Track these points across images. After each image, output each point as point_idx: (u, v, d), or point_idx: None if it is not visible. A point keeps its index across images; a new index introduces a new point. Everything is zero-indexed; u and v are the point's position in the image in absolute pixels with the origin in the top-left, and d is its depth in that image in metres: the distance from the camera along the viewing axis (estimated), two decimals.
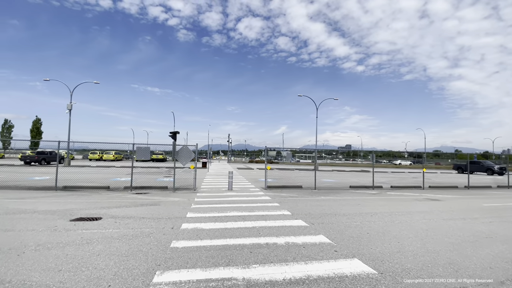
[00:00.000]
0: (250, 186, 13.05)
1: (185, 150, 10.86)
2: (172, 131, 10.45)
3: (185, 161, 10.84)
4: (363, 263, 3.65)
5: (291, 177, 18.70)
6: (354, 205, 8.33)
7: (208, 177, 17.58)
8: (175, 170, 10.86)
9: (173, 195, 9.74)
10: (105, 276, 3.09)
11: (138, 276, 3.11)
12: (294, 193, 10.83)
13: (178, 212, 6.78)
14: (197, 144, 11.02)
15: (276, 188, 12.20)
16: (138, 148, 10.65)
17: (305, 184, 13.65)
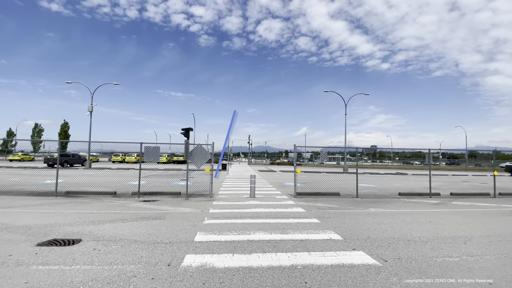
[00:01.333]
0: (275, 192, 11.09)
1: (199, 150, 9.19)
2: (184, 127, 8.88)
3: (199, 163, 9.17)
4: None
5: (321, 181, 16.44)
6: (424, 223, 6.06)
7: (227, 180, 15.88)
8: (188, 173, 9.22)
9: (184, 203, 8.07)
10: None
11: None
12: (332, 203, 8.69)
13: (185, 231, 5.01)
14: (214, 143, 9.31)
15: (308, 195, 10.13)
16: (146, 149, 9.16)
17: (342, 190, 11.40)
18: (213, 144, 9.30)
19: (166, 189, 10.50)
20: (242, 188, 12.16)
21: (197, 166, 9.17)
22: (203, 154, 9.19)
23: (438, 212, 7.51)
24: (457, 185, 16.26)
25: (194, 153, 9.19)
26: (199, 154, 9.18)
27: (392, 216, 6.73)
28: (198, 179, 15.89)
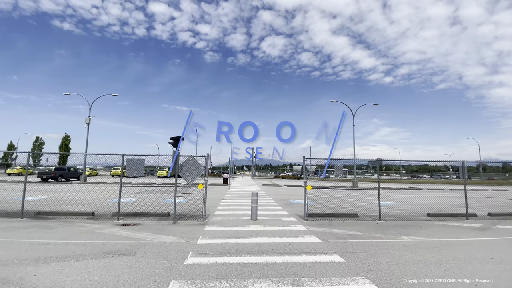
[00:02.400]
0: (281, 212, 9.49)
1: (191, 163, 7.77)
2: (173, 136, 7.55)
3: (191, 178, 7.73)
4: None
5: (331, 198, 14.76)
6: (485, 261, 4.42)
7: (227, 196, 14.31)
8: (176, 190, 7.75)
9: (169, 229, 6.55)
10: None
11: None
12: (352, 228, 7.08)
13: (154, 280, 3.50)
14: (208, 155, 7.90)
15: (320, 217, 8.52)
16: (129, 162, 7.79)
17: (359, 210, 9.76)
18: (208, 156, 7.90)
19: (154, 209, 9.00)
20: (243, 206, 10.58)
21: (187, 182, 7.73)
22: (195, 167, 7.77)
23: (491, 243, 5.84)
24: (486, 203, 14.41)
25: (184, 166, 7.77)
26: (190, 167, 7.76)
27: (437, 251, 5.10)
28: (195, 195, 14.37)
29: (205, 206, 7.82)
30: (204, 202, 7.85)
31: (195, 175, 7.76)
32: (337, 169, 8.21)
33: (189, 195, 14.42)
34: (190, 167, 7.78)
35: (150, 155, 7.93)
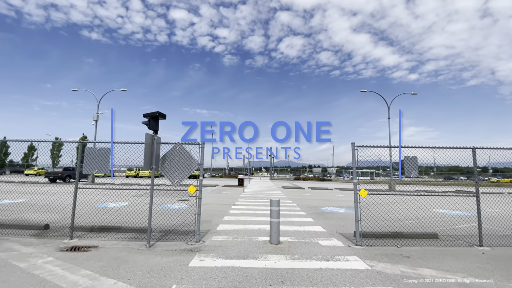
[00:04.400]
0: (314, 228, 6.54)
1: (178, 155, 5.10)
2: (148, 113, 4.92)
3: (178, 176, 5.05)
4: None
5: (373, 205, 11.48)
6: None
7: (241, 201, 11.54)
8: (152, 194, 5.05)
9: (133, 261, 3.89)
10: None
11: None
12: (454, 267, 3.99)
13: None
14: (204, 144, 5.17)
15: (381, 238, 5.47)
16: (88, 153, 5.29)
17: (429, 225, 6.58)
18: (203, 146, 5.16)
19: (136, 220, 6.44)
20: (259, 216, 7.75)
21: (172, 182, 5.05)
22: (184, 161, 5.08)
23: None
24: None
25: (168, 159, 5.11)
26: (177, 161, 5.08)
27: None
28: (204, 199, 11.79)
29: (199, 221, 5.08)
30: (197, 215, 5.11)
31: (184, 173, 5.07)
32: (410, 163, 5.08)
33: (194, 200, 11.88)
34: (176, 160, 5.11)
35: (122, 142, 5.37)
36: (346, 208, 10.28)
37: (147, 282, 3.18)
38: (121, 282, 3.18)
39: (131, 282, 3.20)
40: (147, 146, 4.72)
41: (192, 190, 5.04)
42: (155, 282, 3.19)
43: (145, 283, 3.16)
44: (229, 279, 3.33)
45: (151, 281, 3.21)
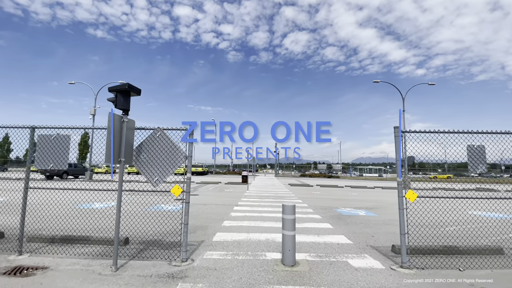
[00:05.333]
0: (336, 238, 5.18)
1: (157, 144, 3.79)
2: (114, 86, 3.65)
3: (157, 174, 3.74)
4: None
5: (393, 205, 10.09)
6: None
7: (244, 201, 10.24)
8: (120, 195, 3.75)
9: None
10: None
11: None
12: None
13: None
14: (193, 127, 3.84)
15: (431, 255, 4.09)
16: (42, 142, 4.03)
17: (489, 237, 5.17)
18: (191, 132, 3.83)
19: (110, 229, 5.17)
20: (265, 221, 6.44)
21: (151, 181, 3.75)
22: (166, 153, 3.77)
23: None
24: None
25: (146, 149, 3.81)
26: (157, 152, 3.78)
27: None
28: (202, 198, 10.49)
29: (186, 234, 3.76)
30: (183, 225, 3.81)
31: (166, 168, 3.77)
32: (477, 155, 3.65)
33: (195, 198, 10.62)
34: (156, 152, 3.80)
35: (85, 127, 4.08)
36: (366, 209, 8.90)
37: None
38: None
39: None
40: (114, 132, 3.41)
41: (176, 191, 3.73)
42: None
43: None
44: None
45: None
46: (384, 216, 7.66)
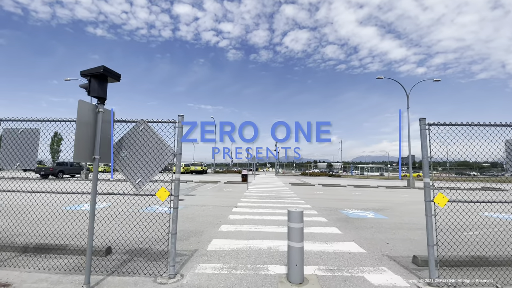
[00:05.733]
0: (348, 247, 4.62)
1: (140, 140, 3.22)
2: (87, 69, 3.09)
3: (140, 174, 3.17)
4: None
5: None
6: None
7: (244, 202, 9.69)
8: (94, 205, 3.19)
9: None
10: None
11: None
12: None
13: None
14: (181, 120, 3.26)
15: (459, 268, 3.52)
16: (6, 137, 3.45)
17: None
18: (181, 125, 3.26)
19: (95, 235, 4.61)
20: (267, 226, 5.89)
21: (133, 183, 3.19)
22: (151, 149, 3.21)
23: None
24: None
25: (126, 146, 3.24)
26: (140, 149, 3.22)
27: None
28: (200, 198, 9.93)
29: (174, 245, 3.18)
30: (170, 234, 3.23)
31: (150, 168, 3.20)
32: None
33: (191, 199, 10.06)
34: (139, 148, 3.24)
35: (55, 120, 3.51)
36: (373, 211, 8.34)
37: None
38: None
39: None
40: (85, 124, 2.84)
41: (162, 195, 3.17)
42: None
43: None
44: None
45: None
46: (395, 219, 7.10)
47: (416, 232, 5.60)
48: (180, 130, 3.26)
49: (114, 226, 4.34)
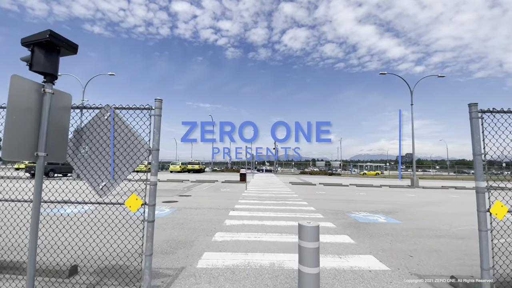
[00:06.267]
0: (367, 262, 3.87)
1: (106, 131, 2.46)
2: (32, 35, 2.38)
3: (106, 176, 2.41)
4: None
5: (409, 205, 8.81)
6: None
7: (241, 205, 8.95)
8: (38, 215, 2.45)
9: None
10: None
11: None
12: None
13: None
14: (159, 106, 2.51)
15: None
16: None
17: None
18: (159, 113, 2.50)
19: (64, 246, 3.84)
20: (268, 235, 5.15)
21: (94, 186, 2.44)
22: (120, 146, 2.45)
23: None
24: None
25: (87, 138, 2.49)
26: (106, 145, 2.46)
27: None
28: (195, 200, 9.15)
29: (149, 272, 2.43)
30: (144, 256, 2.47)
31: (119, 167, 2.44)
32: None
33: (185, 200, 9.28)
34: (104, 142, 2.48)
35: None
36: (383, 214, 7.64)
37: None
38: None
39: None
40: (24, 109, 2.08)
41: (133, 204, 2.41)
42: None
43: None
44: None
45: None
46: (410, 224, 6.39)
47: (440, 241, 4.89)
48: (157, 119, 2.50)
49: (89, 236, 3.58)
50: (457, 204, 10.53)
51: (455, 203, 10.67)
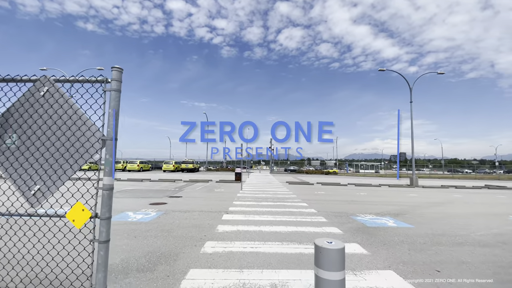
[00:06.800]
0: (388, 280, 3.20)
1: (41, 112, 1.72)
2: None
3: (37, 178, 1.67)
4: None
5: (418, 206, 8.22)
6: None
7: (236, 207, 8.23)
8: None
9: None
10: None
11: None
12: None
13: None
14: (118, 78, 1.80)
15: None
16: None
17: None
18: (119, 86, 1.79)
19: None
20: (267, 244, 4.45)
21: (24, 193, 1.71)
22: (62, 133, 1.72)
23: None
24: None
25: (15, 123, 1.75)
26: (40, 131, 1.73)
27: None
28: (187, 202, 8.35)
29: None
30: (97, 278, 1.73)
31: (61, 166, 1.70)
32: None
33: (175, 202, 8.51)
34: (38, 128, 1.73)
35: None
36: (391, 216, 7.02)
37: None
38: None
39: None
40: None
41: (78, 217, 1.68)
42: None
43: None
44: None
45: None
46: (423, 228, 5.77)
47: (464, 250, 4.26)
48: (115, 95, 1.77)
49: (15, 263, 2.80)
50: (464, 204, 10.01)
51: (461, 204, 10.15)
